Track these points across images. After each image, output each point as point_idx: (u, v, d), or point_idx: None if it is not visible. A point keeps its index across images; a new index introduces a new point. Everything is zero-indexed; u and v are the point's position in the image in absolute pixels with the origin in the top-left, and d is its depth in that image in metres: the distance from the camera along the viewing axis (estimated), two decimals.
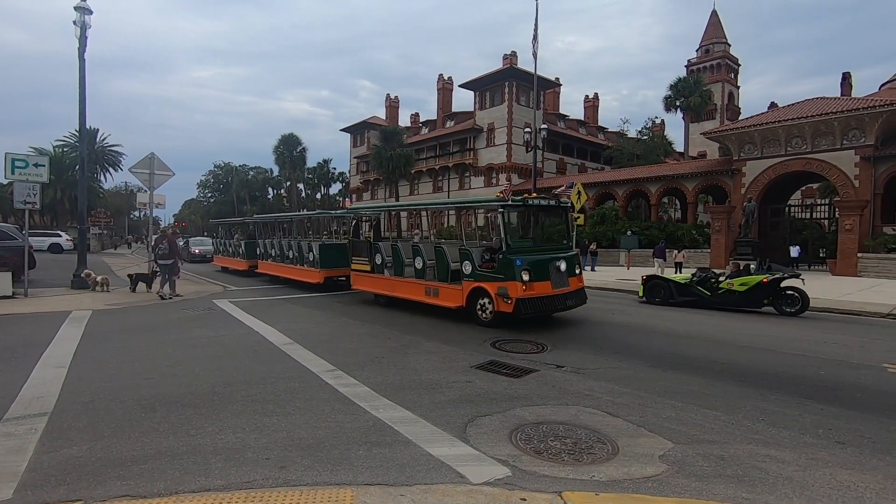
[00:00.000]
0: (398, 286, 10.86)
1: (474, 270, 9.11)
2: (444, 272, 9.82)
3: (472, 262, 9.16)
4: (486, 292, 8.81)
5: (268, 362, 6.55)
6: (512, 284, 8.40)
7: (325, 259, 14.19)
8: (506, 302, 8.39)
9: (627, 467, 3.53)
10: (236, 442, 3.94)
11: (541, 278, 8.68)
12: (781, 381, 5.76)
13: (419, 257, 10.31)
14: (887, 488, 3.26)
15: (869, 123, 21.17)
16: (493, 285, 8.67)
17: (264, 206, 72.64)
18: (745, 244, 21.56)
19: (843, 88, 48.59)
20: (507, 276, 8.50)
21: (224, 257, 22.38)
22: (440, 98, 52.63)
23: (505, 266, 8.59)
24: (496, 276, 8.70)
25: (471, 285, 9.12)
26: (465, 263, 9.27)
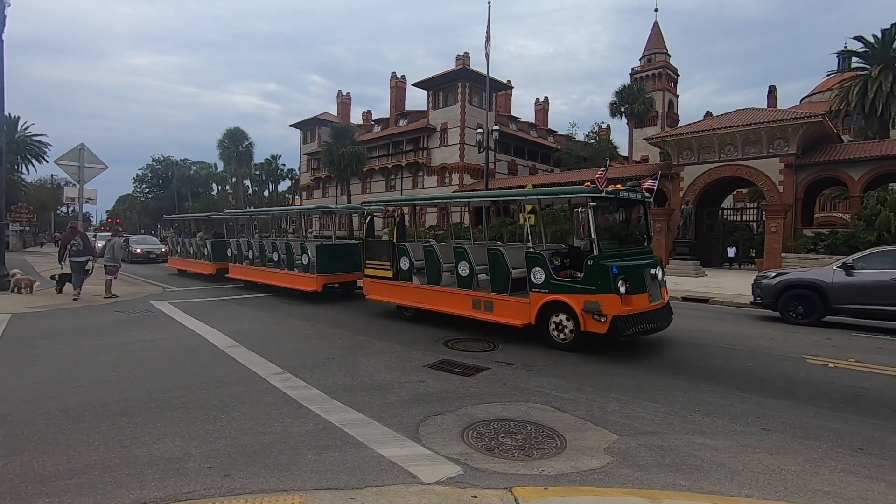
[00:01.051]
0: (433, 297, 8.92)
1: (548, 280, 7.27)
2: (503, 281, 7.95)
3: (546, 270, 7.33)
4: (565, 307, 7.12)
5: (211, 366, 6.25)
6: (607, 298, 6.68)
7: (324, 263, 11.97)
8: (597, 320, 6.74)
9: (575, 461, 3.64)
10: (176, 451, 3.73)
11: (638, 290, 6.99)
12: (714, 373, 6.13)
13: (464, 262, 8.45)
14: (807, 470, 3.54)
15: (791, 134, 22.93)
16: (578, 299, 6.92)
17: (208, 203, 69.42)
18: (684, 244, 22.81)
19: (769, 100, 52.52)
20: (600, 287, 6.75)
21: (182, 259, 19.30)
22: (393, 96, 52.25)
23: (596, 274, 6.82)
24: (582, 287, 6.93)
25: (542, 298, 7.31)
26: (536, 271, 7.42)
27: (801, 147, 23.39)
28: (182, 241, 19.64)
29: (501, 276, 8.04)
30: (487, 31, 23.70)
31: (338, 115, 56.92)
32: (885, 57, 26.70)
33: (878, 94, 25.87)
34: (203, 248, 17.69)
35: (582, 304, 6.90)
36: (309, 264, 12.22)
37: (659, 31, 58.55)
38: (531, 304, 7.49)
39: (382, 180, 48.84)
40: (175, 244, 20.42)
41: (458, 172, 42.00)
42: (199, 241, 18.19)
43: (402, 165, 46.31)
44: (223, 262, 16.22)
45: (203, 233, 19.00)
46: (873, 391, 5.47)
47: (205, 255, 17.40)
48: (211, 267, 16.85)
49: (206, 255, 17.22)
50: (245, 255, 14.86)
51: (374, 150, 48.89)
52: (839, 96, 28.43)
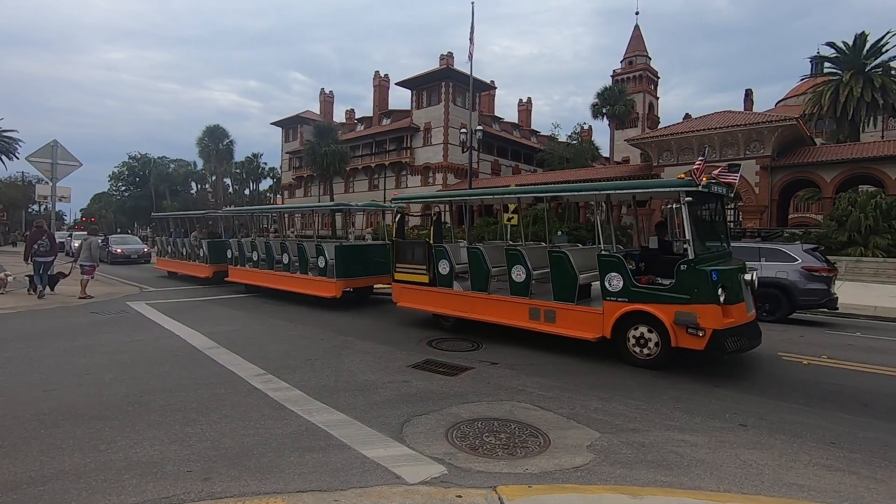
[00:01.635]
0: (481, 305, 7.95)
1: (628, 287, 6.34)
2: (567, 287, 6.99)
3: (625, 275, 6.39)
4: (648, 319, 6.22)
5: (190, 368, 6.14)
6: (705, 309, 5.77)
7: (344, 265, 10.90)
8: (693, 334, 5.84)
9: (558, 459, 3.67)
10: (154, 455, 3.66)
11: (736, 299, 6.08)
12: (693, 370, 6.24)
13: (520, 266, 7.43)
14: (782, 464, 3.63)
15: (767, 136, 23.52)
16: (667, 309, 6.03)
17: (187, 201, 68.14)
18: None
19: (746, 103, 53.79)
20: (696, 296, 5.83)
21: (174, 260, 17.82)
22: (376, 95, 52.04)
23: (692, 281, 5.88)
24: (673, 295, 6.01)
25: (620, 308, 6.39)
26: (611, 277, 6.47)
27: (776, 149, 24.00)
28: (173, 241, 18.10)
29: (566, 283, 7.02)
30: (471, 31, 23.76)
31: (320, 113, 56.44)
32: (856, 63, 27.56)
33: (850, 98, 26.69)
34: (198, 248, 16.18)
35: (672, 315, 5.97)
36: (326, 267, 11.08)
37: (640, 34, 59.42)
38: (605, 314, 6.55)
39: (366, 179, 48.58)
40: (165, 244, 18.86)
41: (441, 172, 42.01)
42: (193, 242, 16.55)
43: (385, 165, 46.13)
44: (221, 264, 14.88)
45: (197, 232, 17.38)
46: (845, 387, 5.63)
47: (200, 257, 15.95)
48: (207, 269, 15.40)
49: (202, 257, 15.77)
50: (248, 256, 13.53)
51: (357, 149, 48.59)
52: (812, 100, 29.26)
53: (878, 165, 22.60)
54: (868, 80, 26.70)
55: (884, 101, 26.57)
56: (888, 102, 26.75)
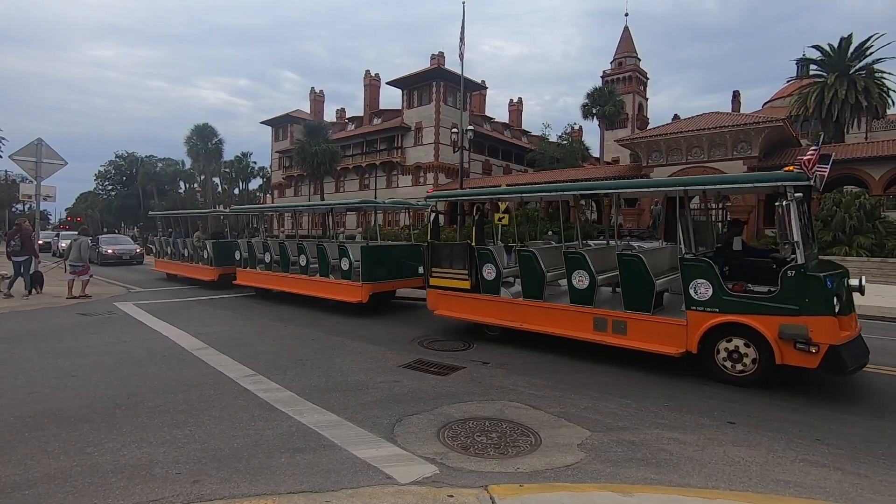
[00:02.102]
0: (535, 315, 7.20)
1: (719, 295, 5.60)
2: (642, 294, 6.23)
3: (716, 282, 5.63)
4: (747, 331, 5.50)
5: (179, 369, 6.08)
6: (819, 321, 5.07)
7: (371, 268, 10.09)
8: (804, 350, 5.09)
9: (549, 457, 3.69)
10: (142, 457, 3.61)
11: (848, 309, 5.53)
12: (683, 369, 6.29)
13: (582, 271, 6.70)
14: (769, 461, 3.68)
15: (754, 137, 23.82)
16: (769, 321, 5.31)
17: (175, 200, 67.38)
18: None
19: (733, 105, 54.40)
20: (807, 306, 5.13)
21: (174, 262, 16.83)
22: (367, 94, 51.86)
23: (802, 289, 5.16)
24: (777, 305, 5.30)
25: (709, 320, 5.65)
26: (698, 284, 5.72)
27: (762, 150, 24.30)
28: (174, 242, 17.03)
29: (641, 290, 6.24)
30: (462, 31, 23.78)
31: (311, 112, 56.12)
32: (840, 65, 28.01)
33: (834, 100, 27.11)
34: (202, 249, 15.20)
35: (777, 328, 5.25)
36: (350, 270, 10.25)
37: (629, 35, 59.84)
38: (690, 326, 5.81)
39: (357, 179, 48.41)
40: (164, 244, 17.72)
41: (433, 172, 41.97)
42: (196, 242, 15.45)
43: (376, 164, 45.99)
44: (228, 266, 14.01)
45: (201, 232, 16.13)
46: (829, 384, 5.72)
47: (204, 259, 15.01)
48: (212, 272, 14.48)
49: (207, 259, 14.85)
50: (259, 258, 12.70)
51: (347, 148, 48.39)
52: (798, 102, 29.68)
53: (862, 166, 22.99)
54: (852, 83, 27.14)
55: (867, 103, 27.03)
56: (871, 104, 27.22)
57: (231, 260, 13.88)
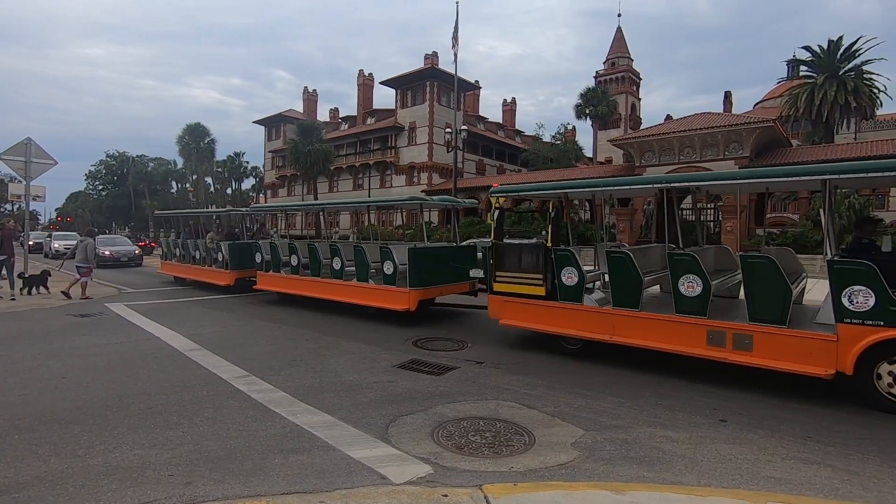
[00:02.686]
0: (629, 326, 6.37)
1: (886, 305, 4.75)
2: (774, 304, 5.38)
3: (879, 289, 4.78)
4: None
5: (171, 370, 6.03)
6: None
7: (420, 272, 8.99)
8: None
9: (543, 456, 3.70)
10: (134, 459, 3.59)
11: None
12: (676, 367, 6.34)
13: (692, 275, 5.92)
14: (760, 458, 3.72)
15: (745, 137, 24.01)
16: None
17: (167, 200, 66.94)
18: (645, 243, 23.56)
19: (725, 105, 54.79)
20: None
21: (183, 265, 15.62)
22: (360, 94, 51.76)
23: None
24: None
25: (872, 334, 4.79)
26: (854, 291, 4.88)
27: (754, 150, 24.51)
28: (183, 243, 15.76)
29: (772, 297, 5.39)
30: (455, 31, 23.79)
31: (304, 111, 55.91)
32: (830, 66, 28.30)
33: (824, 101, 27.39)
34: (215, 252, 14.01)
35: None
36: (395, 274, 9.22)
37: (622, 35, 60.13)
38: (841, 342, 4.94)
39: (350, 179, 48.30)
40: (171, 246, 16.51)
41: (426, 172, 41.96)
42: (209, 244, 14.28)
43: (370, 164, 45.90)
44: (246, 269, 13.07)
45: (214, 233, 14.95)
46: (821, 382, 5.77)
47: (219, 262, 13.81)
48: (228, 276, 13.31)
49: (222, 262, 13.66)
50: (285, 260, 11.61)
51: (341, 148, 48.27)
52: (788, 103, 29.95)
53: None
54: (842, 84, 27.43)
55: (857, 103, 27.33)
56: (861, 105, 27.53)
57: (249, 263, 12.90)
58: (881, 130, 40.07)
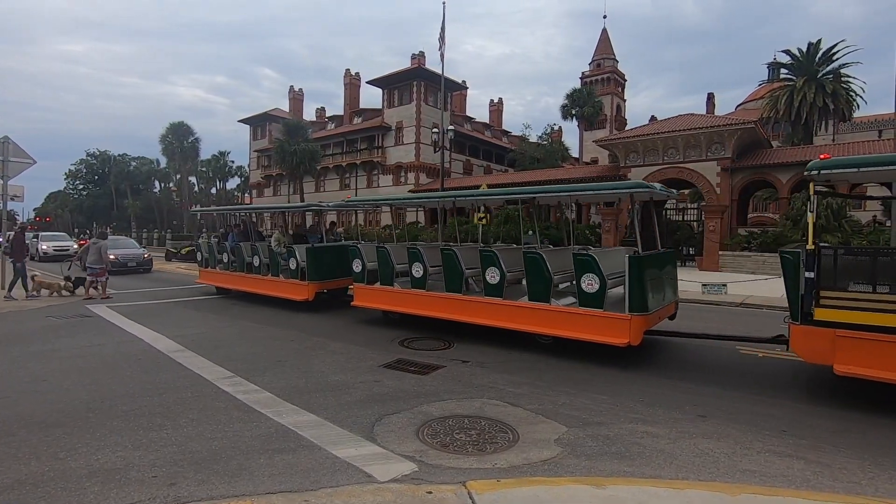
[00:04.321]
0: None
1: None
2: None
3: None
4: None
5: (154, 372, 5.98)
6: None
7: (644, 291, 6.36)
8: None
9: (526, 453, 3.76)
10: (117, 461, 3.57)
11: None
12: (656, 364, 6.47)
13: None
14: (737, 452, 3.82)
15: (727, 139, 24.42)
16: None
17: (149, 200, 65.97)
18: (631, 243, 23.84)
19: (708, 107, 55.61)
20: None
21: (232, 273, 12.63)
22: (347, 93, 51.54)
23: None
24: None
25: None
26: None
27: (735, 151, 24.93)
28: (233, 247, 12.62)
29: None
30: (442, 31, 23.81)
31: (290, 111, 55.48)
32: (809, 69, 28.91)
33: (803, 103, 27.97)
34: (283, 257, 11.19)
35: None
36: (597, 294, 6.49)
37: (607, 37, 60.67)
38: None
39: (337, 178, 48.04)
40: (213, 250, 13.37)
41: (413, 172, 41.91)
42: (276, 247, 11.36)
43: (357, 164, 45.71)
44: (333, 279, 10.78)
45: (280, 233, 11.92)
46: (797, 378, 5.94)
47: (292, 269, 10.85)
48: (306, 289, 10.44)
49: (296, 270, 10.74)
50: (400, 270, 8.84)
51: (328, 147, 47.98)
52: (769, 105, 30.52)
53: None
54: (820, 86, 28.03)
55: (834, 106, 27.95)
56: (838, 108, 28.15)
57: (334, 271, 10.70)
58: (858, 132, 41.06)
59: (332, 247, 11.41)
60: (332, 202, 12.56)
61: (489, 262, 7.55)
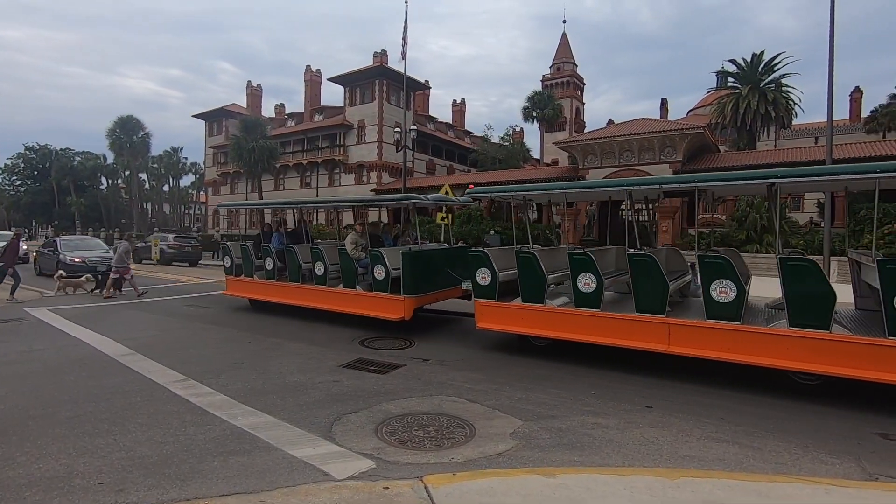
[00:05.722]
0: None
1: None
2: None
3: None
4: None
5: (101, 377, 5.74)
6: None
7: None
8: None
9: (483, 447, 3.86)
10: (60, 469, 3.43)
11: None
12: (610, 359, 6.72)
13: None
14: (679, 439, 4.06)
15: (679, 143, 25.55)
16: None
17: (95, 197, 62.59)
18: (589, 242, 24.54)
19: (661, 112, 57.87)
20: None
21: (281, 285, 9.98)
22: (308, 90, 50.62)
23: None
24: None
25: None
26: None
27: (686, 155, 26.12)
28: (280, 251, 10.06)
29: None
30: (405, 30, 23.79)
31: (248, 106, 53.94)
32: (753, 79, 30.60)
33: (747, 110, 29.59)
34: (363, 263, 8.71)
35: None
36: None
37: (567, 41, 62.08)
38: None
39: (297, 177, 47.08)
40: (247, 253, 10.70)
41: (376, 171, 41.61)
42: (350, 251, 8.75)
43: (317, 162, 44.94)
44: (432, 292, 8.59)
45: (357, 234, 9.15)
46: (733, 368, 6.31)
47: (378, 280, 8.27)
48: (402, 305, 7.98)
49: (382, 280, 8.21)
50: (553, 282, 7.03)
51: (287, 145, 46.93)
52: (717, 111, 32.11)
53: None
54: (763, 95, 29.73)
55: (775, 113, 29.72)
56: (779, 115, 29.96)
57: (433, 282, 8.57)
58: (797, 139, 43.72)
59: (434, 252, 9.24)
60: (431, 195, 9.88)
61: None
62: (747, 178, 6.30)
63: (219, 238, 38.22)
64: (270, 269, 10.19)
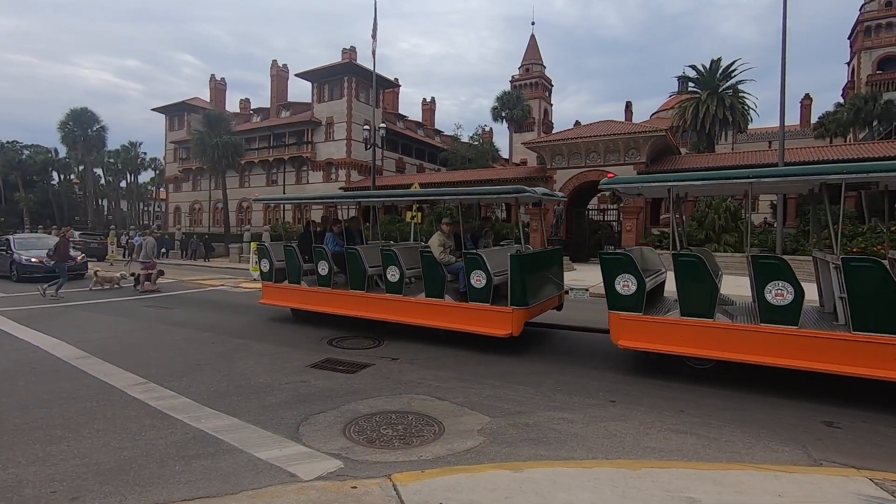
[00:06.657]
0: None
1: None
2: None
3: None
4: None
5: (53, 381, 5.48)
6: None
7: None
8: None
9: (451, 444, 3.90)
10: (8, 479, 3.27)
11: None
12: (576, 356, 6.88)
13: None
14: (641, 432, 4.20)
15: (642, 145, 26.29)
16: None
17: (46, 193, 59.46)
18: (556, 242, 24.98)
19: (626, 114, 59.43)
20: None
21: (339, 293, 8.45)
22: (274, 86, 49.50)
23: None
24: None
25: None
26: None
27: (649, 157, 26.90)
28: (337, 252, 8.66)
29: None
30: (374, 28, 23.60)
31: (211, 101, 52.29)
32: (712, 84, 31.80)
33: (706, 114, 30.73)
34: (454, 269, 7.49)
35: None
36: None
37: (535, 43, 62.94)
38: None
39: (263, 174, 46.04)
40: (293, 256, 9.10)
41: (344, 168, 41.12)
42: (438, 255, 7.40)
43: (284, 159, 44.05)
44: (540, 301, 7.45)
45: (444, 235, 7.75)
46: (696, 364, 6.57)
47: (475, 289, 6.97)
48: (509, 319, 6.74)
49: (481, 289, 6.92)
50: None
51: (253, 141, 45.83)
52: (678, 115, 33.23)
53: None
54: (721, 100, 30.95)
55: (733, 118, 30.98)
56: (736, 120, 31.25)
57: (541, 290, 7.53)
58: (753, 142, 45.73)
59: (542, 254, 8.01)
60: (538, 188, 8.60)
61: None
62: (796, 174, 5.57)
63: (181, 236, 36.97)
64: (325, 274, 8.61)
